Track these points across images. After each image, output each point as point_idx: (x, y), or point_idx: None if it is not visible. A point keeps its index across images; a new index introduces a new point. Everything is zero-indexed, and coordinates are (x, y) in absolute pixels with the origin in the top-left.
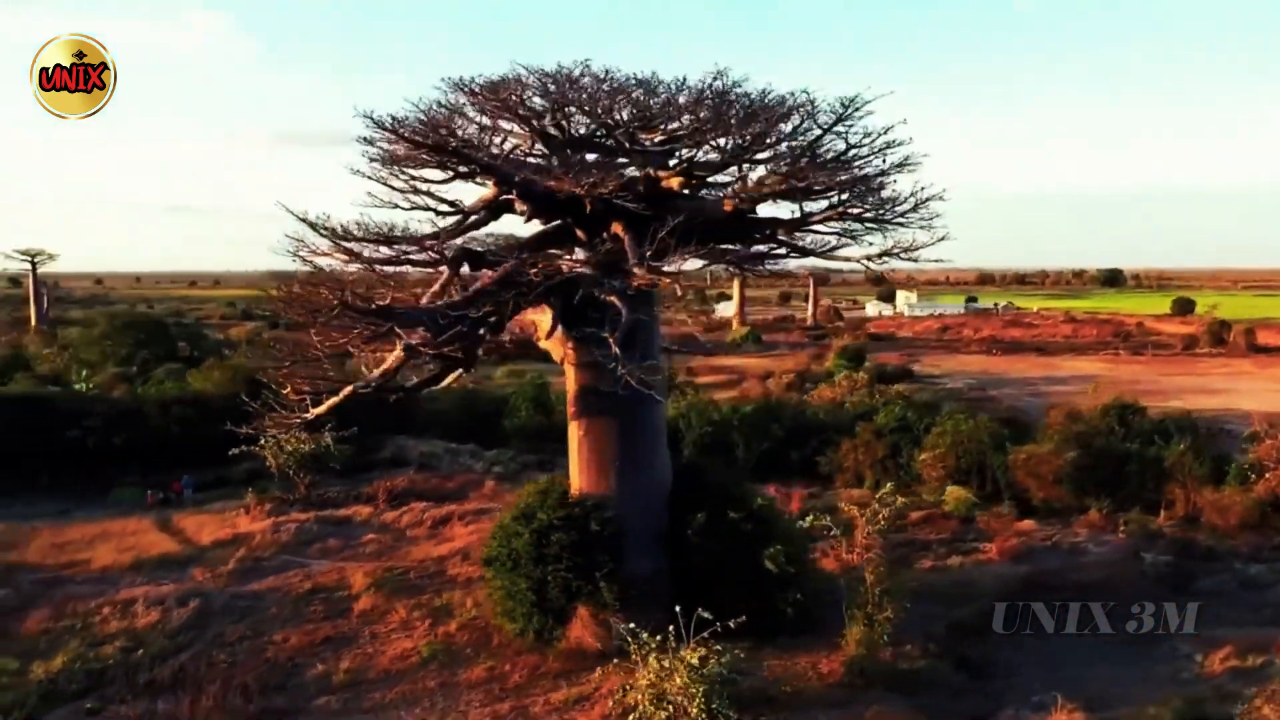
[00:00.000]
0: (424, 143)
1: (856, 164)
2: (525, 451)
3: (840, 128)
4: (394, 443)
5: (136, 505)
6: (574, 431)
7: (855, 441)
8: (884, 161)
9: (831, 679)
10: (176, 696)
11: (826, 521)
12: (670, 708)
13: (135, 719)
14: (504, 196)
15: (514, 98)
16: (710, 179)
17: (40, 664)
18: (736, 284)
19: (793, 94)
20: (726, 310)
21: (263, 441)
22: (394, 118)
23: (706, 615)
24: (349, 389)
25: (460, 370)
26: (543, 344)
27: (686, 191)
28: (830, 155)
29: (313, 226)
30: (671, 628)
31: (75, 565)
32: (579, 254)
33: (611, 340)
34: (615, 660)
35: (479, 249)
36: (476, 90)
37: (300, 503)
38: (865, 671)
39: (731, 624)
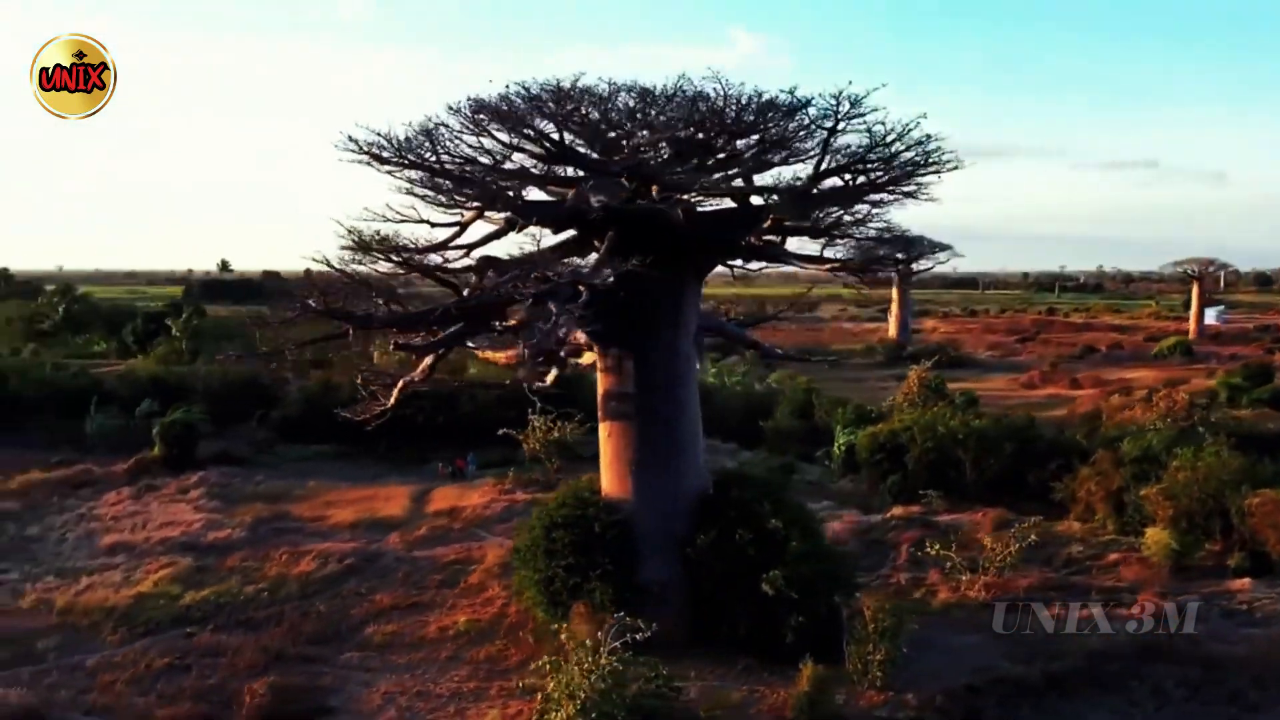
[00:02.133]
0: (404, 163)
1: (885, 163)
2: (781, 453)
3: (859, 123)
4: None
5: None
6: (601, 433)
7: (1093, 469)
8: (924, 159)
9: (781, 715)
10: (250, 633)
11: (951, 553)
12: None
13: (204, 644)
14: (488, 213)
15: (512, 112)
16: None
17: (192, 593)
18: (1195, 290)
19: (790, 91)
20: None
21: (527, 428)
22: (372, 141)
23: (639, 625)
24: (401, 383)
25: (556, 370)
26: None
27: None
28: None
29: (354, 236)
30: (600, 634)
31: (319, 519)
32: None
33: (525, 346)
34: (545, 658)
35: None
36: (472, 108)
37: (540, 484)
38: (804, 712)
39: (655, 636)
